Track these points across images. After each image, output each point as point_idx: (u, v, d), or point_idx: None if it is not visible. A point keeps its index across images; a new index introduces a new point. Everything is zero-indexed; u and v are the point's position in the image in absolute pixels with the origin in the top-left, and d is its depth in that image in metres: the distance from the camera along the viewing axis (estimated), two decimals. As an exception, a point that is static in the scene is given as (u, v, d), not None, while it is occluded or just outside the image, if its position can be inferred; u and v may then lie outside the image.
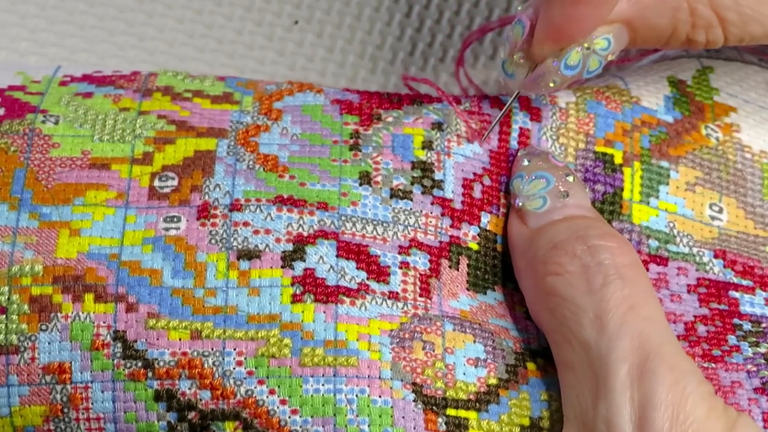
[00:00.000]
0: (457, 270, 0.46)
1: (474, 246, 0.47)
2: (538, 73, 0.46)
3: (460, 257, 0.46)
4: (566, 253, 0.44)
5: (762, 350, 0.46)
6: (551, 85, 0.46)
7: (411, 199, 0.46)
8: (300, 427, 0.42)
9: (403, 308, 0.44)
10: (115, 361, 0.43)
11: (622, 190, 0.48)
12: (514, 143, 0.48)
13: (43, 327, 0.43)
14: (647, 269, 0.47)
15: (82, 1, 0.60)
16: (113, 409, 0.43)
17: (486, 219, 0.47)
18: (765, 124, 0.50)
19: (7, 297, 0.44)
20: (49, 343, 0.43)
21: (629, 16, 0.46)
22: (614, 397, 0.41)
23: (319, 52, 0.59)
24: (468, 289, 0.46)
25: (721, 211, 0.49)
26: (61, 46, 0.60)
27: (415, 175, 0.47)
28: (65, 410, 0.43)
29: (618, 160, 0.48)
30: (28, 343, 0.43)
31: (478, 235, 0.47)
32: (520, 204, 0.46)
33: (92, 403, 0.43)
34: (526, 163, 0.47)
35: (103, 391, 0.43)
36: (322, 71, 0.59)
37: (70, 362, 0.43)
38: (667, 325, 0.43)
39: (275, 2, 0.60)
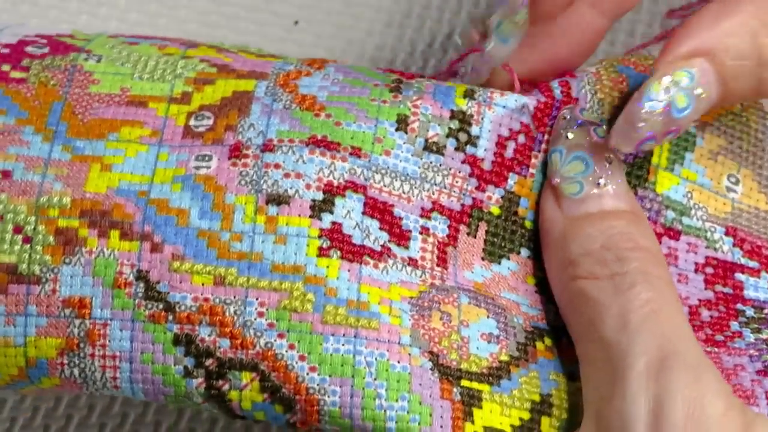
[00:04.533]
0: (475, 237, 0.46)
1: (495, 210, 0.46)
2: (625, 119, 0.44)
3: (479, 223, 0.46)
4: (597, 262, 0.44)
5: (764, 336, 0.46)
6: (644, 129, 0.44)
7: (443, 154, 0.46)
8: (317, 385, 0.42)
9: (421, 276, 0.44)
10: (136, 301, 0.43)
11: (652, 154, 0.47)
12: (557, 92, 0.47)
13: (67, 260, 0.43)
14: (660, 242, 0.47)
15: (83, 1, 0.59)
16: (130, 349, 0.43)
17: (513, 180, 0.46)
18: None
19: (33, 227, 0.43)
20: (71, 277, 0.43)
21: (710, 44, 0.43)
22: (630, 388, 0.41)
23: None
24: (483, 258, 0.46)
25: (737, 182, 0.48)
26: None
27: (452, 126, 0.46)
28: (81, 345, 0.43)
29: None
30: (50, 275, 0.43)
31: (502, 197, 0.46)
32: (557, 183, 0.46)
33: (109, 341, 0.43)
34: (567, 136, 0.46)
35: (121, 330, 0.43)
36: (322, 71, 0.59)
37: (91, 297, 0.43)
38: (691, 331, 0.43)
39: (275, 2, 0.59)
